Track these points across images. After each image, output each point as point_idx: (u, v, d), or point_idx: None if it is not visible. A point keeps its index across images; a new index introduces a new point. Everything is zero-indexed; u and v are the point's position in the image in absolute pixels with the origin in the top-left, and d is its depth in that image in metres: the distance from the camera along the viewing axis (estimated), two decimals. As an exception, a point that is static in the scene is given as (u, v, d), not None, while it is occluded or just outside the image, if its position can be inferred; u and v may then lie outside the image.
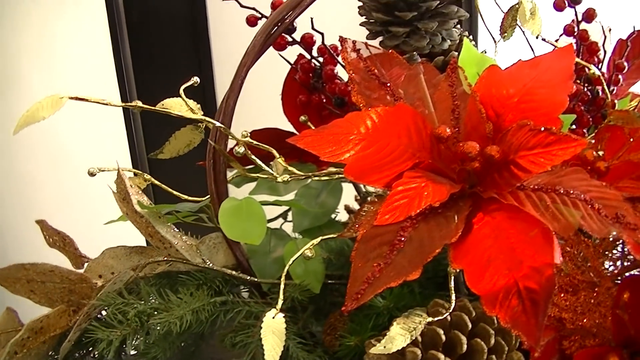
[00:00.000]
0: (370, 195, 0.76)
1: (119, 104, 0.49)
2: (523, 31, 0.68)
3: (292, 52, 0.69)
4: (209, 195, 0.59)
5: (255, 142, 0.57)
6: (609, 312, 0.54)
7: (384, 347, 0.45)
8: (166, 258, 0.58)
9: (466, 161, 0.50)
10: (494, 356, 0.51)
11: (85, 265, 0.63)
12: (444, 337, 0.49)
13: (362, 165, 0.51)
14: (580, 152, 0.59)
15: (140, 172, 0.61)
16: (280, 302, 0.49)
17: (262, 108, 0.77)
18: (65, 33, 1.46)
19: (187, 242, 0.59)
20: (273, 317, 0.48)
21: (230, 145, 0.59)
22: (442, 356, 0.49)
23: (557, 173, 0.50)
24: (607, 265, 0.58)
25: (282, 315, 0.48)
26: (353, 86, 0.56)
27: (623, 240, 0.51)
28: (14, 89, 1.46)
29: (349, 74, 0.56)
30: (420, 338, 0.49)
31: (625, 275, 0.56)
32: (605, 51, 0.69)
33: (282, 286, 0.50)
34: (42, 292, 0.60)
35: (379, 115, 0.52)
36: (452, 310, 0.49)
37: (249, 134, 0.58)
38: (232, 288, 0.62)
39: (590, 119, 0.69)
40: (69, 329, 0.59)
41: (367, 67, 0.56)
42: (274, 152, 0.58)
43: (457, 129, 0.53)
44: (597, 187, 0.48)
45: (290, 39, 0.65)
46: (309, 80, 0.68)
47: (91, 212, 0.76)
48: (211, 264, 0.59)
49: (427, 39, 0.59)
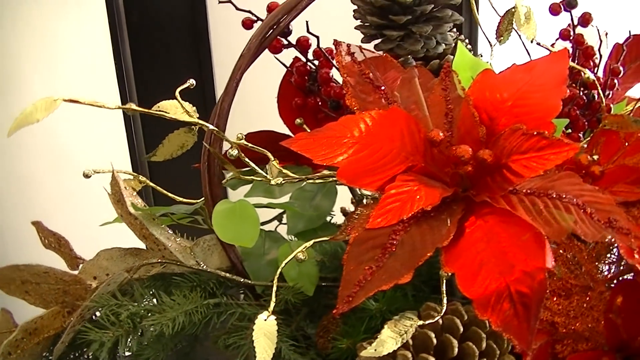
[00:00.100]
0: (366, 198, 0.76)
1: (113, 106, 0.49)
2: (519, 35, 0.69)
3: (288, 54, 0.69)
4: (203, 198, 0.59)
5: (250, 145, 0.58)
6: (602, 316, 0.54)
7: (375, 350, 0.45)
8: (160, 260, 0.58)
9: (459, 165, 0.50)
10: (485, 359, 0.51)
11: (80, 266, 0.63)
12: (435, 341, 0.49)
13: (355, 169, 0.51)
14: (574, 156, 0.59)
15: (136, 174, 0.62)
16: (272, 304, 0.49)
17: (259, 110, 0.77)
18: (66, 34, 1.46)
19: (181, 244, 0.59)
20: (265, 320, 0.48)
21: (226, 147, 0.59)
22: (433, 359, 0.49)
23: (550, 177, 0.50)
24: (602, 269, 0.58)
25: (274, 317, 0.48)
26: (347, 89, 0.56)
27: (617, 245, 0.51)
28: (15, 89, 1.47)
29: (343, 77, 0.56)
30: (411, 341, 0.49)
31: (619, 279, 0.56)
32: (601, 55, 0.69)
33: (274, 288, 0.50)
34: (36, 293, 0.60)
35: (373, 119, 0.53)
36: (444, 313, 0.49)
37: (244, 137, 0.58)
38: (226, 290, 0.62)
39: (586, 123, 0.69)
40: (63, 330, 0.59)
41: (362, 71, 0.56)
42: (269, 154, 0.58)
43: (450, 133, 0.53)
44: (589, 191, 0.48)
45: (285, 42, 0.65)
46: (305, 83, 0.68)
47: (91, 212, 0.76)
48: (205, 266, 0.59)
49: (422, 43, 0.59)
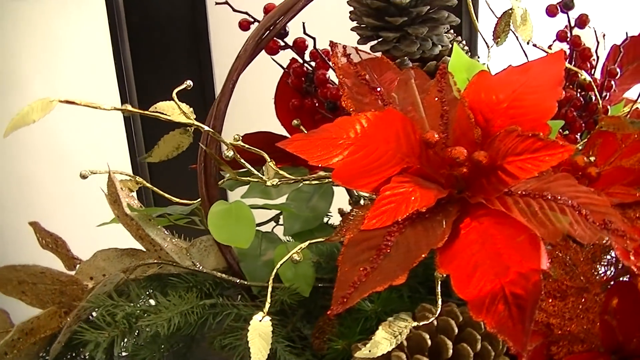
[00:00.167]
0: (363, 199, 0.76)
1: (109, 107, 0.49)
2: (517, 37, 0.69)
3: (286, 56, 0.69)
4: (200, 199, 0.59)
5: (246, 146, 0.58)
6: (598, 318, 0.54)
7: (369, 351, 0.45)
8: (156, 261, 0.58)
9: (454, 166, 0.50)
10: (480, 361, 0.51)
11: (77, 267, 0.63)
12: (429, 342, 0.49)
13: (351, 170, 0.51)
14: (571, 157, 0.59)
15: (132, 175, 0.62)
16: (267, 305, 0.49)
17: (260, 111, 0.77)
18: (66, 34, 1.47)
19: (177, 244, 0.59)
20: (260, 320, 0.48)
21: (224, 148, 0.59)
22: (428, 361, 0.49)
23: (545, 179, 0.50)
24: (600, 270, 0.58)
25: (269, 318, 0.48)
26: (343, 91, 0.56)
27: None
28: (15, 90, 1.47)
29: (339, 79, 0.56)
30: (405, 342, 0.49)
31: (615, 281, 0.56)
32: (598, 57, 0.69)
33: (269, 289, 0.50)
34: (33, 294, 0.60)
35: (369, 120, 0.53)
36: (439, 315, 0.49)
37: (241, 138, 0.58)
38: (223, 291, 0.62)
39: (583, 124, 0.69)
40: (60, 330, 0.59)
41: (357, 72, 0.56)
42: (265, 155, 0.58)
43: (445, 134, 0.53)
44: (585, 193, 0.48)
45: (282, 44, 0.65)
46: (302, 85, 0.68)
47: (91, 213, 0.76)
48: (201, 267, 0.59)
49: (418, 44, 0.59)
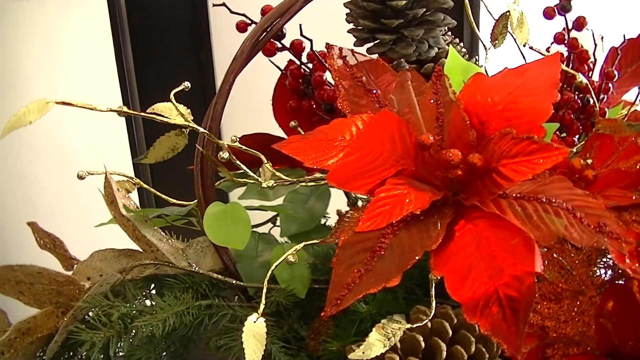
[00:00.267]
0: (361, 201, 0.76)
1: (104, 108, 0.49)
2: (514, 39, 0.69)
3: (284, 57, 0.69)
4: (196, 200, 0.59)
5: (244, 147, 0.58)
6: (593, 321, 0.54)
7: (363, 353, 0.46)
8: (153, 261, 0.59)
9: (449, 169, 0.50)
10: (474, 363, 0.51)
11: (75, 267, 0.63)
12: (423, 344, 0.49)
13: (346, 172, 0.51)
14: (568, 160, 0.59)
15: (130, 176, 0.62)
16: (262, 306, 0.49)
17: (260, 112, 0.77)
18: (68, 35, 1.47)
19: (173, 245, 0.59)
20: (254, 322, 0.48)
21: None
22: (421, 363, 0.49)
23: (541, 181, 0.50)
24: (598, 273, 0.57)
25: (263, 319, 0.48)
26: (339, 93, 0.56)
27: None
28: (17, 91, 1.47)
29: (335, 81, 0.56)
30: (399, 344, 0.50)
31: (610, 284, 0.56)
32: (595, 59, 0.69)
33: (264, 290, 0.50)
34: (30, 294, 0.60)
35: (364, 122, 0.53)
36: (433, 317, 0.49)
37: (239, 139, 0.58)
38: (219, 292, 0.62)
39: (580, 127, 0.69)
40: (57, 330, 0.59)
41: (353, 74, 0.56)
42: (262, 157, 0.58)
43: (441, 137, 0.53)
44: (580, 195, 0.48)
45: (279, 45, 0.65)
46: (299, 86, 0.68)
47: (92, 213, 0.76)
48: (197, 268, 0.59)
49: (414, 47, 0.59)
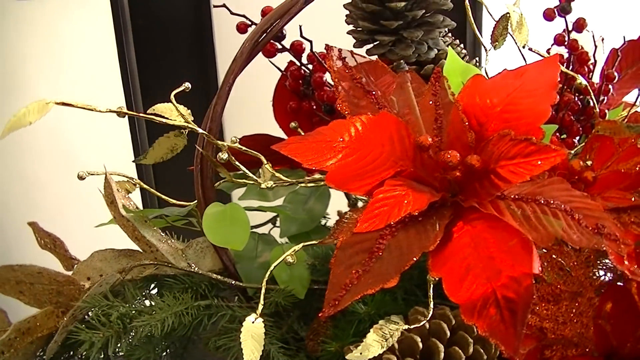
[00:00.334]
0: (361, 202, 0.76)
1: (103, 109, 0.50)
2: (515, 40, 0.69)
3: (285, 58, 0.69)
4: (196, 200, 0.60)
5: (244, 148, 0.58)
6: (591, 322, 0.54)
7: (360, 354, 0.46)
8: (152, 262, 0.59)
9: (447, 170, 0.50)
10: (472, 364, 0.51)
11: (75, 267, 0.63)
12: (420, 345, 0.49)
13: (344, 173, 0.51)
14: (567, 161, 0.59)
15: (130, 176, 0.62)
16: (260, 306, 0.49)
17: (263, 113, 0.77)
18: (70, 36, 1.47)
19: (173, 246, 0.60)
20: (253, 322, 0.49)
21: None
22: (419, 364, 0.49)
23: (539, 183, 0.50)
24: (598, 274, 0.57)
25: (262, 320, 0.48)
26: (339, 94, 0.56)
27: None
28: (20, 91, 1.48)
29: (335, 82, 0.56)
30: (397, 345, 0.50)
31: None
32: (595, 61, 0.69)
33: (262, 291, 0.50)
34: (30, 294, 0.61)
35: (363, 123, 0.53)
36: (432, 318, 0.49)
37: (239, 140, 0.58)
38: (219, 292, 0.62)
39: (580, 128, 0.69)
40: (57, 330, 0.59)
41: (353, 75, 0.56)
42: (262, 158, 0.59)
43: (439, 138, 0.53)
44: (578, 197, 0.48)
45: (279, 46, 0.66)
46: (299, 87, 0.68)
47: (96, 214, 0.76)
48: (197, 268, 0.59)
49: (413, 48, 0.59)
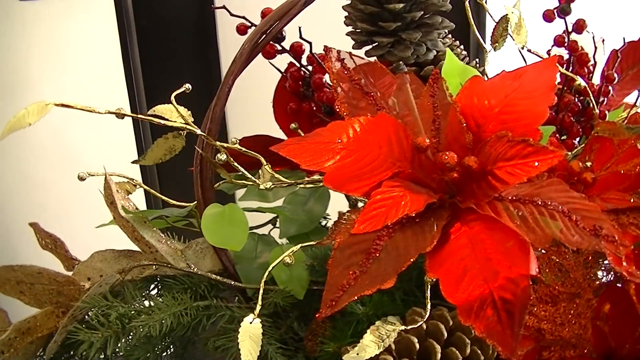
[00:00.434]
0: (361, 203, 0.76)
1: (102, 111, 0.50)
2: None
3: (286, 60, 0.70)
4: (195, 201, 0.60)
5: (243, 149, 0.58)
6: (590, 324, 0.54)
7: (357, 355, 0.46)
8: (152, 262, 0.59)
9: (445, 171, 0.50)
10: (469, 365, 0.51)
11: (75, 267, 0.64)
12: (417, 346, 0.50)
13: (342, 174, 0.51)
14: (567, 162, 0.59)
15: (130, 177, 0.62)
16: (258, 307, 0.49)
17: (267, 114, 0.77)
18: (75, 37, 1.48)
19: (172, 246, 0.60)
20: (250, 322, 0.49)
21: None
22: (416, 364, 0.49)
23: (537, 184, 0.50)
24: (598, 276, 0.57)
25: (259, 320, 0.48)
26: (337, 95, 0.56)
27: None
28: (24, 92, 1.48)
29: (333, 83, 0.56)
30: (394, 346, 0.50)
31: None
32: (595, 62, 0.69)
33: (260, 291, 0.50)
34: (31, 294, 0.61)
35: (361, 125, 0.53)
36: (429, 319, 0.49)
37: (239, 141, 0.59)
38: (218, 293, 0.62)
39: (580, 129, 0.69)
40: (57, 329, 0.60)
41: (351, 77, 0.57)
42: (261, 159, 0.59)
43: (437, 139, 0.53)
44: (576, 198, 0.48)
45: (279, 48, 0.66)
46: (299, 88, 0.68)
47: (99, 214, 0.77)
48: (196, 269, 0.59)
49: (412, 49, 0.59)
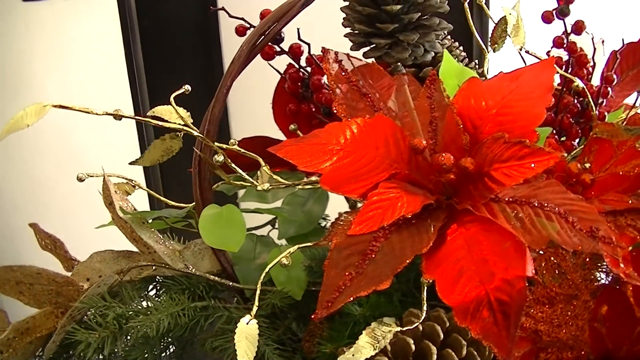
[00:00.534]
0: (361, 204, 0.76)
1: (100, 112, 0.50)
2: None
3: (286, 61, 0.70)
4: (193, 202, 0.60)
5: (242, 151, 0.58)
6: (587, 325, 0.54)
7: (352, 356, 0.46)
8: (150, 263, 0.59)
9: (442, 173, 0.50)
10: (465, 366, 0.51)
11: (74, 268, 0.64)
12: (413, 347, 0.50)
13: (339, 176, 0.51)
14: (565, 164, 0.59)
15: (128, 178, 0.63)
16: (255, 308, 0.49)
17: (269, 116, 0.77)
18: (78, 37, 1.48)
19: (170, 247, 0.60)
20: (247, 323, 0.49)
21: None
22: (412, 365, 0.49)
23: (535, 185, 0.50)
24: (596, 277, 0.57)
25: (256, 321, 0.49)
26: (335, 97, 0.56)
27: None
28: (28, 92, 1.49)
29: (331, 85, 0.56)
30: (389, 347, 0.50)
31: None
32: (594, 63, 0.69)
33: (257, 292, 0.50)
34: (30, 294, 0.61)
35: (358, 126, 0.53)
36: (426, 320, 0.49)
37: (237, 142, 0.59)
38: (217, 293, 0.62)
39: (580, 130, 0.69)
40: (56, 330, 0.60)
41: (349, 78, 0.57)
42: (260, 160, 0.59)
43: (434, 141, 0.54)
44: (573, 200, 0.48)
45: (278, 49, 0.66)
46: (298, 90, 0.68)
47: (103, 214, 0.77)
48: (194, 270, 0.60)
49: (409, 51, 0.60)
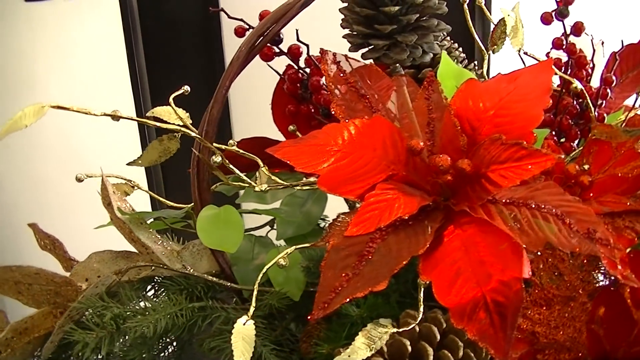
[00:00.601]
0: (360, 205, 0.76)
1: (98, 113, 0.50)
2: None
3: (285, 62, 0.70)
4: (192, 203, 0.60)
5: (241, 151, 0.59)
6: (584, 327, 0.54)
7: (348, 357, 0.46)
8: (148, 263, 0.59)
9: (439, 174, 0.51)
10: (462, 368, 0.51)
11: (73, 268, 0.64)
12: (409, 348, 0.50)
13: (336, 177, 0.51)
14: (564, 165, 0.59)
15: (128, 179, 0.63)
16: (252, 308, 0.49)
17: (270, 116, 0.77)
18: (81, 37, 1.49)
19: (169, 248, 0.60)
20: (244, 324, 0.49)
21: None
22: (408, 366, 0.50)
23: (532, 187, 0.50)
24: (594, 278, 0.57)
25: (252, 321, 0.49)
26: (333, 97, 0.56)
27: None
28: (30, 92, 1.49)
29: (329, 86, 0.57)
30: (386, 348, 0.50)
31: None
32: (594, 64, 0.69)
33: (254, 293, 0.50)
34: (29, 294, 0.61)
35: (356, 128, 0.53)
36: (423, 321, 0.49)
37: (236, 143, 0.59)
38: (215, 294, 0.62)
39: (579, 132, 0.69)
40: (54, 330, 0.60)
41: (347, 79, 0.57)
42: (259, 160, 0.59)
43: (431, 142, 0.54)
44: (570, 202, 0.48)
45: (277, 50, 0.66)
46: (297, 91, 0.68)
47: (105, 215, 0.78)
48: (192, 270, 0.60)
49: (408, 52, 0.60)
